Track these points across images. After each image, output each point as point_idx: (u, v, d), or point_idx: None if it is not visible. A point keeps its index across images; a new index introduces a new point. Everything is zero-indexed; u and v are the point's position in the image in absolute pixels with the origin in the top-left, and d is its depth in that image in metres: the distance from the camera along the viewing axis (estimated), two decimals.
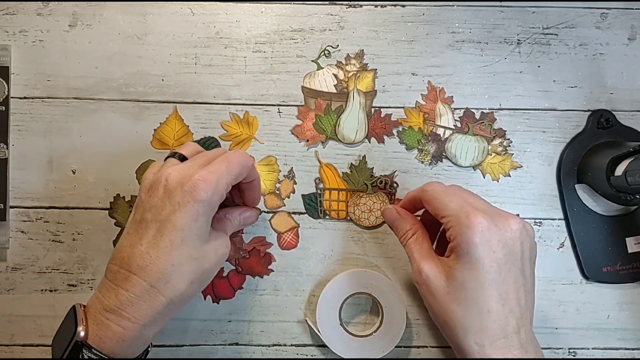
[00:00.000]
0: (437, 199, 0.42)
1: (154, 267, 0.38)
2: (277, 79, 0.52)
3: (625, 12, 0.53)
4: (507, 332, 0.39)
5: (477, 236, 0.39)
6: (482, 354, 0.39)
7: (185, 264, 0.39)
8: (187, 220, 0.39)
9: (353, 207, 0.51)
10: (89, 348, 0.37)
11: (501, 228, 0.40)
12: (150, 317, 0.38)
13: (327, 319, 0.49)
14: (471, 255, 0.39)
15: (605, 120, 0.52)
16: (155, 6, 0.52)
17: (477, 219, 0.39)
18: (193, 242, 0.39)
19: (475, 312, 0.39)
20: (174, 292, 0.39)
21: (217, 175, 0.40)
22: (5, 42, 0.51)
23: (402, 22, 0.52)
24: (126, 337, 0.38)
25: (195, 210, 0.39)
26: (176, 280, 0.39)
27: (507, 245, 0.39)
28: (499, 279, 0.39)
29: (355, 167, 0.52)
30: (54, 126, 0.51)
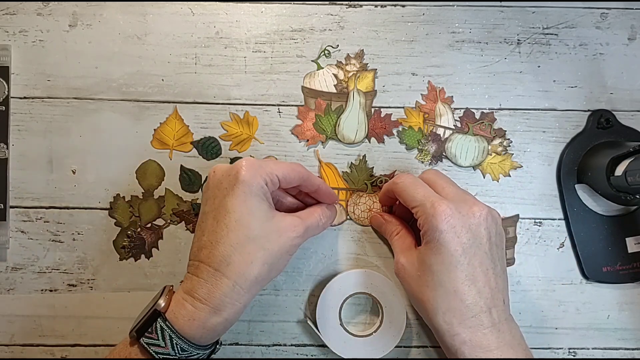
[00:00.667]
0: (406, 191, 0.45)
1: (216, 252, 0.40)
2: (277, 79, 0.52)
3: (625, 12, 0.53)
4: (475, 311, 0.41)
5: (442, 223, 0.41)
6: (451, 332, 0.41)
7: (243, 244, 0.40)
8: (235, 202, 0.40)
9: (353, 206, 0.51)
10: (164, 319, 0.40)
11: (464, 214, 0.42)
12: (218, 299, 0.40)
13: (327, 319, 0.49)
14: (437, 241, 0.42)
15: (605, 120, 0.52)
16: (155, 6, 0.52)
17: (440, 208, 0.42)
18: (248, 222, 0.40)
19: (442, 292, 0.42)
20: (237, 273, 0.40)
21: (261, 162, 0.42)
22: (5, 42, 0.51)
23: (402, 22, 0.52)
24: (196, 317, 0.40)
25: (241, 191, 0.40)
26: (237, 261, 0.40)
27: (470, 231, 0.42)
28: (464, 261, 0.41)
29: (356, 166, 0.52)
30: (54, 126, 0.51)
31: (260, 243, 0.41)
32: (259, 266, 0.41)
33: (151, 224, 0.51)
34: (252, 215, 0.41)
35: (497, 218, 0.44)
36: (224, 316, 0.40)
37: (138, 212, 0.51)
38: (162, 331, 0.39)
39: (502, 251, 0.44)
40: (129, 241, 0.51)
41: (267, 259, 0.41)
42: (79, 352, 0.50)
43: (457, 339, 0.41)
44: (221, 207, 0.41)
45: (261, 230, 0.41)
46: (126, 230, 0.51)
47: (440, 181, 0.46)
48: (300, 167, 0.44)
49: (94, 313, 0.50)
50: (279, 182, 0.43)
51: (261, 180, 0.41)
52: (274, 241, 0.41)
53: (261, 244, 0.41)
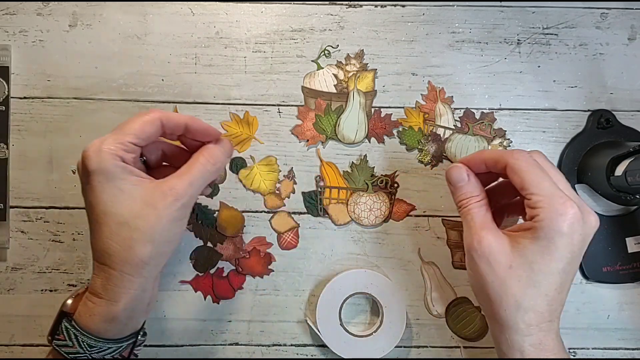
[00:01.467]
0: (529, 174, 0.40)
1: (96, 247, 0.39)
2: (277, 79, 0.52)
3: (625, 12, 0.53)
4: (553, 317, 0.40)
5: (566, 226, 0.38)
6: (526, 332, 0.40)
7: (117, 232, 0.38)
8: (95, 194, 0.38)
9: (353, 205, 0.51)
10: (69, 319, 0.40)
11: (585, 223, 0.39)
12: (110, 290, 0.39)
13: (327, 319, 0.49)
14: (552, 242, 0.39)
15: (605, 120, 0.52)
16: (155, 6, 0.52)
17: (572, 209, 0.39)
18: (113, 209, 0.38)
19: (535, 293, 0.39)
20: (119, 262, 0.39)
21: (102, 139, 0.39)
22: (5, 42, 0.51)
23: (402, 22, 0.52)
24: (95, 312, 0.39)
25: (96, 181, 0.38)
26: (117, 251, 0.38)
27: (583, 241, 0.40)
28: (567, 269, 0.39)
29: (357, 165, 0.52)
30: (54, 126, 0.51)
31: (131, 225, 0.38)
32: (139, 248, 0.38)
33: None
34: (116, 200, 0.38)
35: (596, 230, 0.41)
36: (122, 305, 0.39)
37: None
38: (67, 331, 0.39)
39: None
40: None
41: (144, 238, 0.38)
42: None
43: (527, 340, 0.40)
44: (88, 204, 0.39)
45: (129, 212, 0.38)
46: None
47: (554, 173, 0.42)
48: (154, 113, 0.40)
49: None
50: (137, 144, 0.40)
51: (111, 159, 0.38)
52: (147, 216, 0.38)
53: (133, 225, 0.38)
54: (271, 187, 0.51)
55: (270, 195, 0.52)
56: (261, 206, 0.51)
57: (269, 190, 0.51)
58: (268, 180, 0.52)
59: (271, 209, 0.52)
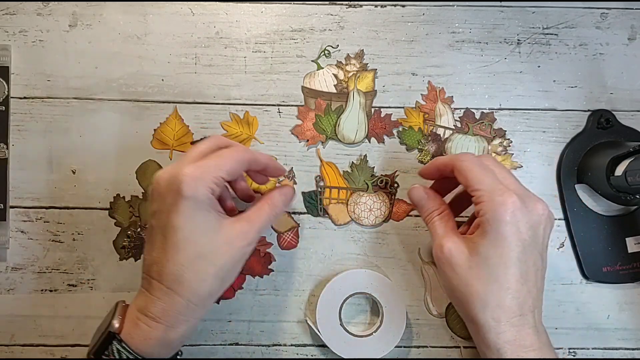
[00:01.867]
0: (473, 171, 0.42)
1: (167, 270, 0.39)
2: (277, 79, 0.52)
3: (625, 12, 0.53)
4: (524, 310, 0.40)
5: (508, 215, 0.39)
6: (497, 329, 0.40)
7: (193, 262, 0.39)
8: (182, 219, 0.39)
9: (353, 205, 0.51)
10: (120, 341, 0.39)
11: (530, 210, 0.41)
12: (173, 317, 0.39)
13: (327, 319, 0.49)
14: (499, 232, 0.40)
15: (605, 120, 0.52)
16: (155, 6, 0.52)
17: (510, 198, 0.40)
18: (196, 239, 0.39)
19: (496, 288, 0.40)
20: (190, 291, 0.39)
21: (202, 169, 0.39)
22: (5, 42, 0.51)
23: (402, 22, 0.52)
24: (152, 336, 0.39)
25: (186, 207, 0.39)
26: (189, 280, 0.39)
27: (532, 228, 0.40)
28: (522, 258, 0.40)
29: (357, 165, 0.52)
30: (54, 126, 0.51)
31: (210, 259, 0.40)
32: (210, 282, 0.40)
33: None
34: (200, 230, 0.39)
35: (553, 220, 0.43)
36: (180, 332, 0.40)
37: (138, 212, 0.51)
38: (119, 353, 0.39)
39: (547, 253, 0.43)
40: (129, 241, 0.51)
41: (218, 274, 0.40)
42: (79, 352, 0.50)
43: (502, 337, 0.40)
44: (168, 224, 0.39)
45: (210, 245, 0.40)
46: (126, 230, 0.51)
47: (500, 170, 0.43)
48: (245, 153, 0.42)
49: (94, 313, 0.50)
50: (225, 180, 0.41)
51: (206, 191, 0.39)
52: (225, 254, 0.40)
53: (211, 259, 0.40)
54: (271, 187, 0.51)
55: None
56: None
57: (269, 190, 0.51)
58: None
59: None
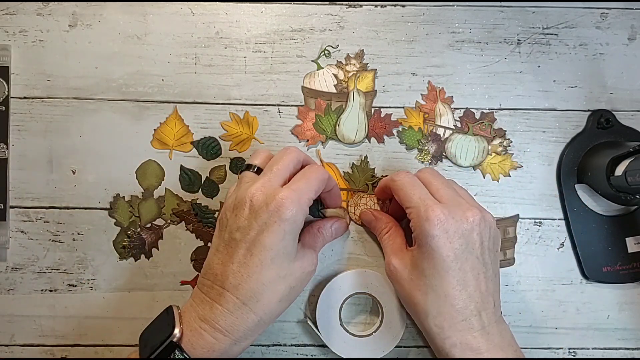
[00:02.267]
0: (403, 190, 0.45)
1: (246, 286, 0.40)
2: (277, 79, 0.52)
3: (625, 12, 0.53)
4: (466, 315, 0.42)
5: (434, 228, 0.41)
6: (441, 335, 0.42)
7: (274, 282, 0.41)
8: (274, 239, 0.40)
9: (353, 206, 0.51)
10: (182, 350, 0.39)
11: (458, 220, 0.42)
12: (242, 332, 0.40)
13: (327, 319, 0.49)
14: (429, 246, 0.42)
15: (605, 120, 0.52)
16: (155, 6, 0.52)
17: (434, 212, 0.42)
18: (281, 261, 0.41)
19: (434, 297, 0.42)
20: (264, 310, 0.41)
21: (299, 192, 0.41)
22: (5, 42, 0.51)
23: (402, 22, 0.52)
24: (217, 349, 0.40)
25: (282, 229, 0.40)
26: (267, 299, 0.40)
27: (463, 236, 0.42)
28: (455, 267, 0.41)
29: (357, 167, 0.52)
30: (54, 126, 0.51)
31: (288, 281, 0.41)
32: (285, 302, 0.42)
33: (151, 224, 0.51)
34: (287, 254, 0.41)
35: (490, 222, 0.44)
36: (242, 347, 0.41)
37: (138, 212, 0.51)
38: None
39: (495, 254, 0.44)
40: (129, 241, 0.51)
41: (290, 296, 0.42)
42: (79, 352, 0.50)
43: (447, 342, 0.42)
44: (257, 241, 0.40)
45: (290, 268, 0.42)
46: (126, 230, 0.51)
47: (435, 182, 0.45)
48: (324, 173, 0.44)
49: (94, 313, 0.50)
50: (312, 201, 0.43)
51: (302, 216, 0.41)
52: (298, 277, 0.42)
53: (289, 282, 0.41)
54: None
55: None
56: None
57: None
58: None
59: None
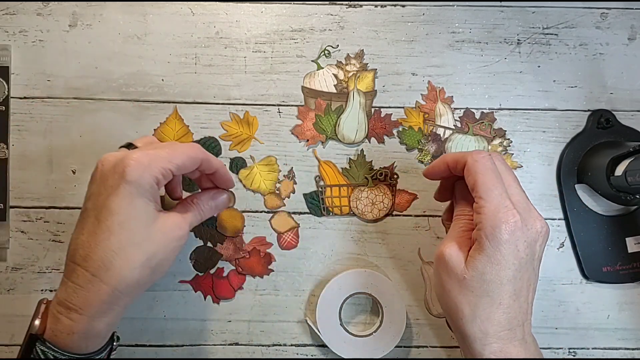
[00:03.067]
0: (484, 177, 0.41)
1: (94, 256, 0.38)
2: (277, 79, 0.52)
3: (625, 12, 0.53)
4: (513, 325, 0.40)
5: (507, 233, 0.39)
6: (483, 341, 0.40)
7: (125, 249, 0.38)
8: (121, 202, 0.38)
9: (355, 201, 0.51)
10: (43, 341, 0.37)
11: (529, 228, 0.40)
12: (97, 307, 0.38)
13: (327, 319, 0.49)
14: (497, 251, 0.39)
15: (605, 120, 0.52)
16: (155, 6, 0.52)
17: (513, 218, 0.39)
18: (132, 225, 0.38)
19: (488, 302, 0.40)
20: (117, 279, 0.38)
21: (151, 157, 0.39)
22: (5, 42, 0.51)
23: (402, 22, 0.52)
24: (75, 329, 0.37)
25: (127, 191, 0.38)
26: (118, 267, 0.38)
27: (530, 246, 0.40)
28: (517, 276, 0.40)
29: (354, 161, 0.52)
30: (54, 126, 0.51)
31: (143, 247, 0.38)
32: (140, 270, 0.38)
33: None
34: (137, 217, 0.38)
35: (548, 233, 0.42)
36: (106, 322, 0.38)
37: None
38: (44, 354, 0.37)
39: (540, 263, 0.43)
40: None
41: (150, 263, 0.39)
42: None
43: (487, 349, 0.40)
44: (104, 206, 0.38)
45: (145, 233, 0.39)
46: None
47: (509, 177, 0.42)
48: (197, 151, 0.42)
49: None
50: (173, 174, 0.40)
51: (151, 180, 0.38)
52: (158, 243, 0.39)
53: (144, 247, 0.39)
54: (271, 187, 0.51)
55: (270, 195, 0.52)
56: (261, 206, 0.51)
57: (269, 190, 0.52)
58: (268, 180, 0.52)
59: (271, 209, 0.52)
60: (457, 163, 0.43)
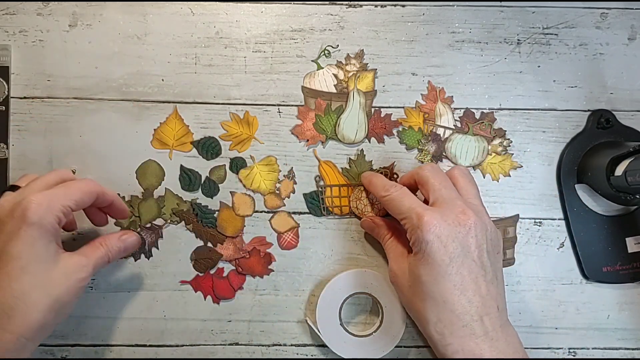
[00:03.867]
0: (392, 203, 0.45)
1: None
2: (277, 79, 0.52)
3: (625, 12, 0.53)
4: (466, 320, 0.41)
5: (427, 234, 0.41)
6: (443, 342, 0.41)
7: (28, 293, 0.37)
8: (22, 246, 0.37)
9: (355, 201, 0.51)
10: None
11: (451, 223, 0.41)
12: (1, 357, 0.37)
13: (327, 319, 0.49)
14: (424, 252, 0.41)
15: (605, 120, 0.52)
16: (155, 6, 0.52)
17: (425, 218, 0.41)
18: (34, 269, 0.38)
19: (432, 303, 0.41)
20: (21, 326, 0.37)
21: (49, 196, 0.39)
22: (5, 42, 0.51)
23: (402, 22, 0.52)
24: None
25: (28, 235, 0.37)
26: (22, 313, 0.37)
27: (457, 239, 0.41)
28: (451, 271, 0.41)
29: (354, 161, 0.52)
30: (54, 126, 0.51)
31: (46, 290, 0.38)
32: (44, 314, 0.38)
33: (151, 224, 0.51)
34: (39, 260, 0.38)
35: (487, 224, 0.43)
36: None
37: (138, 211, 0.51)
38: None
39: (495, 257, 0.43)
40: None
41: (53, 306, 0.38)
42: (79, 352, 0.50)
43: (449, 349, 0.41)
44: (4, 252, 0.37)
45: (47, 276, 0.38)
46: (126, 230, 0.51)
47: (432, 181, 0.44)
48: (93, 186, 0.42)
49: (94, 313, 0.50)
50: (72, 210, 0.40)
51: (53, 220, 0.38)
52: (61, 285, 0.39)
53: (47, 291, 0.38)
54: (271, 187, 0.52)
55: (270, 195, 0.52)
56: (261, 206, 0.51)
57: (269, 190, 0.52)
58: (268, 180, 0.52)
59: (271, 209, 0.52)
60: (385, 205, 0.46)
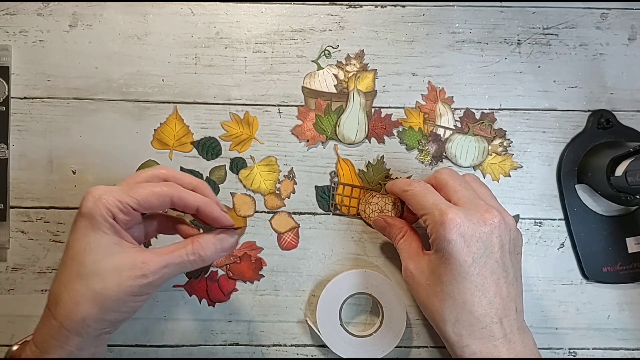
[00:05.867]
0: (415, 199, 0.44)
1: (51, 290, 0.38)
2: (277, 79, 0.52)
3: (625, 12, 0.53)
4: (486, 322, 0.40)
5: (450, 232, 0.40)
6: (460, 343, 0.41)
7: (71, 282, 0.37)
8: (75, 236, 0.38)
9: (364, 205, 0.51)
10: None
11: (475, 223, 0.41)
12: (46, 342, 0.37)
13: (327, 319, 0.49)
14: (445, 251, 0.41)
15: (605, 120, 0.52)
16: (155, 6, 0.52)
17: (449, 216, 0.40)
18: (82, 258, 0.37)
19: (452, 303, 0.41)
20: (63, 313, 0.37)
21: (106, 190, 0.38)
22: (5, 42, 0.51)
23: (402, 22, 0.52)
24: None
25: (81, 225, 0.38)
26: (65, 302, 0.37)
27: (481, 239, 0.41)
28: (473, 272, 0.40)
29: (373, 166, 0.52)
30: (54, 126, 0.51)
31: (90, 282, 0.37)
32: (86, 307, 0.36)
33: None
34: (89, 251, 0.37)
35: (510, 224, 0.42)
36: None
37: None
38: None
39: (515, 257, 0.43)
40: None
41: (96, 300, 0.36)
42: None
43: (467, 350, 0.40)
44: (67, 242, 0.39)
45: (94, 267, 0.37)
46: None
47: (452, 182, 0.44)
48: (168, 188, 0.39)
49: None
50: (136, 210, 0.38)
51: (103, 211, 0.37)
52: (107, 279, 0.37)
53: (91, 282, 0.37)
54: (271, 188, 0.51)
55: (270, 195, 0.52)
56: (261, 206, 0.51)
57: (269, 190, 0.51)
58: (268, 181, 0.52)
59: (271, 209, 0.52)
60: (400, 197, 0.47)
